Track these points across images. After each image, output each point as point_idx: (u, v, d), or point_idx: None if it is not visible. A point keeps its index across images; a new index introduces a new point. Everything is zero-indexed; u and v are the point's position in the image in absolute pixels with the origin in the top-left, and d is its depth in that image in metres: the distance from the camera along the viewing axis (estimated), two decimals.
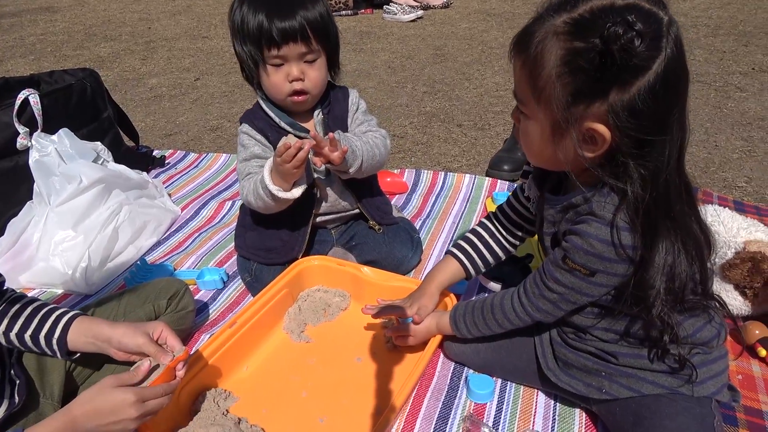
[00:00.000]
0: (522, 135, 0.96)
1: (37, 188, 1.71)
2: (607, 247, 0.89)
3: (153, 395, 0.92)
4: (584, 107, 0.83)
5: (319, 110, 1.47)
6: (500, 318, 1.11)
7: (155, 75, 3.78)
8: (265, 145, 1.44)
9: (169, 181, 2.22)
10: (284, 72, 1.34)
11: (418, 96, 3.15)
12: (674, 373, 0.99)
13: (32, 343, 1.06)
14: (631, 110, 0.80)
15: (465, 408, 1.16)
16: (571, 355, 1.08)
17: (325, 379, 1.25)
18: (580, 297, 0.98)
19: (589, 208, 0.92)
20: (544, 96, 0.86)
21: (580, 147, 0.86)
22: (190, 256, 1.72)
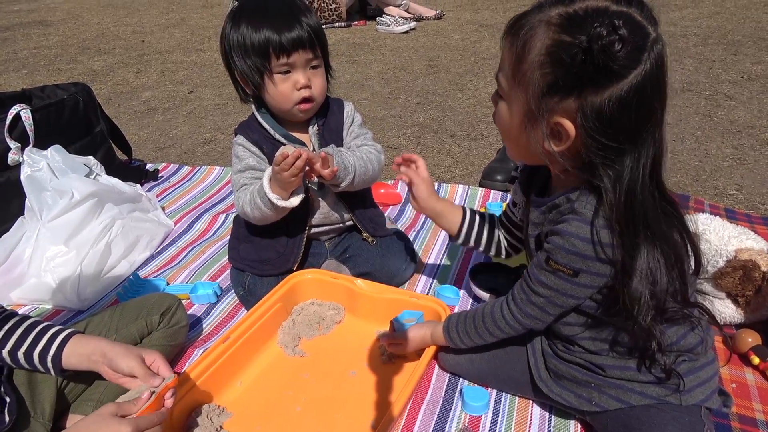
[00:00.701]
0: (497, 120, 0.99)
1: (29, 203, 1.71)
2: (587, 245, 0.90)
3: (148, 424, 0.92)
4: (557, 101, 0.85)
5: (314, 122, 1.47)
6: (491, 327, 1.11)
7: (149, 88, 3.78)
8: (259, 156, 1.45)
9: (162, 194, 2.21)
10: (292, 80, 1.36)
11: (412, 107, 3.16)
12: (662, 383, 0.99)
13: (25, 361, 1.05)
14: (599, 114, 0.82)
15: (460, 420, 1.16)
16: (561, 366, 1.08)
17: (320, 394, 1.24)
18: (566, 299, 0.98)
19: (571, 207, 0.93)
20: (523, 81, 0.87)
21: (547, 138, 0.88)
22: (183, 270, 1.71)
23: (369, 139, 1.54)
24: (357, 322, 1.44)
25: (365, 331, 1.41)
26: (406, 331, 1.25)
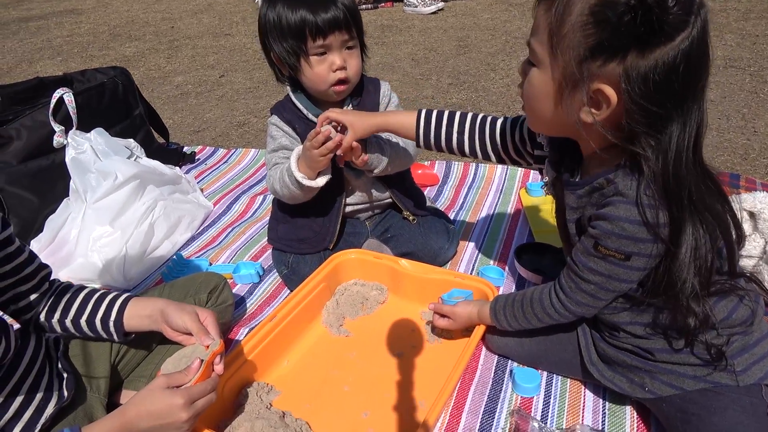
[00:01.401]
0: (527, 90, 0.92)
1: (74, 185, 1.73)
2: (638, 227, 0.85)
3: (200, 394, 0.93)
4: (599, 65, 0.79)
5: (349, 102, 1.46)
6: (540, 313, 1.09)
7: (180, 73, 3.80)
8: (292, 136, 1.45)
9: (200, 176, 2.23)
10: (328, 62, 1.34)
11: (444, 88, 3.11)
12: (712, 365, 0.95)
13: (88, 328, 1.08)
14: (645, 79, 0.77)
15: (511, 402, 1.14)
16: (610, 350, 1.05)
17: (367, 374, 1.24)
18: (618, 284, 0.95)
19: (615, 189, 0.88)
20: (562, 46, 0.81)
21: (586, 106, 0.83)
22: (224, 250, 1.72)
23: None
24: (400, 303, 1.43)
25: (409, 311, 1.39)
26: (453, 305, 1.23)
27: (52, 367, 1.04)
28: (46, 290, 1.08)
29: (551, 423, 1.09)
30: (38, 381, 0.99)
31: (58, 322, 1.08)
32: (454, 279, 1.37)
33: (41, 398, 0.98)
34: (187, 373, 0.94)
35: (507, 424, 1.09)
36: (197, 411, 0.92)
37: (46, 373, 1.02)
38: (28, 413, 0.95)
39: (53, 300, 1.07)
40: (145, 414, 0.90)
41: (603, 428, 1.07)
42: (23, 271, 1.03)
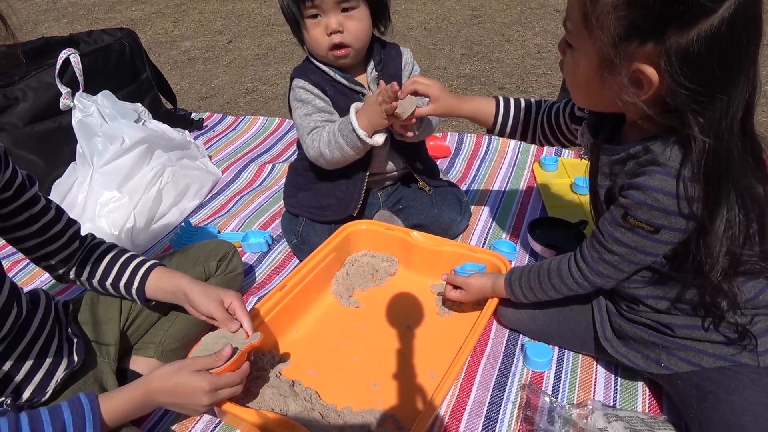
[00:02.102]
0: (567, 69, 0.91)
1: (80, 149, 1.70)
2: (672, 200, 0.82)
3: (226, 384, 0.92)
4: (636, 46, 0.76)
5: (372, 67, 1.42)
6: (558, 284, 1.06)
7: (188, 38, 3.74)
8: (323, 99, 1.40)
9: (208, 143, 2.20)
10: (322, 25, 1.30)
11: (457, 58, 3.05)
12: (735, 344, 0.93)
13: (114, 291, 1.09)
14: (686, 56, 0.72)
15: (522, 376, 1.13)
16: (626, 326, 1.03)
17: (377, 344, 1.23)
18: (643, 257, 0.92)
19: (653, 158, 0.84)
20: (596, 28, 0.78)
21: (626, 87, 0.79)
22: (233, 218, 1.70)
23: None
24: (411, 275, 1.41)
25: (420, 284, 1.38)
26: (467, 277, 1.21)
27: (62, 332, 1.04)
28: (76, 248, 1.08)
29: (562, 398, 1.08)
30: (48, 345, 0.98)
31: (87, 281, 1.09)
32: (465, 252, 1.35)
33: (51, 362, 0.97)
34: (217, 358, 0.93)
35: (518, 398, 1.08)
36: (219, 399, 0.92)
37: (56, 338, 1.01)
38: (38, 377, 0.95)
39: (82, 258, 1.08)
40: (169, 390, 0.90)
41: (614, 404, 1.06)
42: (51, 229, 1.03)
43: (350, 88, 1.39)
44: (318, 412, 1.03)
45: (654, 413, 1.04)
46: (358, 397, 1.09)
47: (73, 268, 1.08)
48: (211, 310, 1.02)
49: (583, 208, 1.65)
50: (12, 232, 0.99)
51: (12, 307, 0.93)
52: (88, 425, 0.83)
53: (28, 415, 0.81)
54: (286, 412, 1.02)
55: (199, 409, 0.92)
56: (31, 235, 1.00)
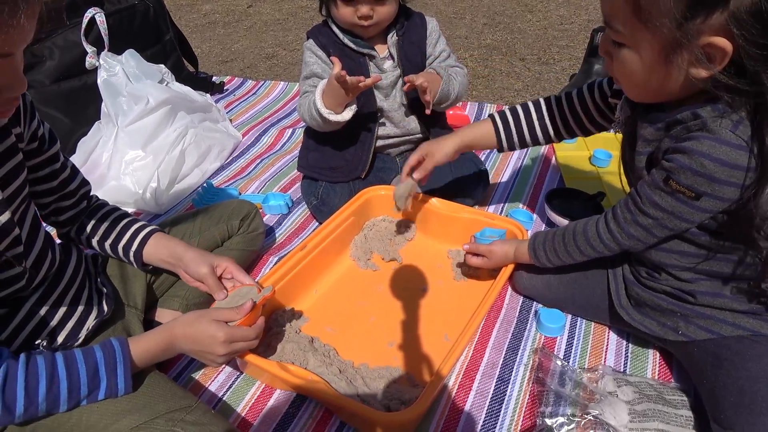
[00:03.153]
0: (619, 68, 0.88)
1: (105, 108, 1.73)
2: (720, 167, 0.80)
3: (242, 337, 0.95)
4: (701, 20, 0.74)
5: (393, 33, 1.42)
6: (583, 245, 1.06)
7: (208, 1, 3.72)
8: (324, 62, 1.43)
9: (228, 107, 2.22)
10: (352, 8, 1.34)
11: (478, 28, 3.02)
12: (756, 314, 0.94)
13: (111, 252, 1.11)
14: (757, 13, 0.71)
15: (535, 341, 1.16)
16: (644, 294, 1.04)
17: (393, 306, 1.26)
18: (679, 222, 0.91)
19: (702, 123, 0.83)
20: (652, 13, 0.76)
21: (697, 65, 0.78)
22: (254, 181, 1.73)
23: (455, 61, 1.51)
24: (428, 241, 1.43)
25: (436, 249, 1.40)
26: (490, 244, 1.22)
27: (92, 283, 1.08)
28: (84, 208, 1.11)
29: (573, 363, 1.11)
30: (79, 294, 1.02)
31: (87, 240, 1.11)
32: (482, 219, 1.37)
33: (83, 311, 1.01)
34: (238, 311, 0.97)
35: (530, 361, 1.11)
36: (234, 350, 0.95)
37: (86, 288, 1.05)
38: (71, 323, 0.99)
39: (87, 218, 1.10)
40: (190, 336, 0.94)
41: (625, 370, 1.09)
42: (67, 187, 1.06)
43: (357, 51, 1.42)
44: (336, 367, 1.07)
45: (664, 380, 1.07)
46: (374, 355, 1.13)
47: (76, 227, 1.10)
48: (201, 274, 1.05)
49: (600, 180, 1.65)
50: (33, 185, 1.00)
51: (47, 253, 0.97)
52: (119, 365, 0.87)
53: (63, 354, 0.85)
54: (306, 365, 1.06)
55: (216, 359, 0.95)
56: (50, 190, 1.02)
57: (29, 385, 0.80)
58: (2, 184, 0.86)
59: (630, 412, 0.97)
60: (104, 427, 0.85)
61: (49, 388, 0.81)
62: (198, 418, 0.88)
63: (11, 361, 0.79)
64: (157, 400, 0.89)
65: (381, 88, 1.47)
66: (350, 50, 1.42)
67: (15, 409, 0.79)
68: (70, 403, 0.84)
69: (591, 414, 0.97)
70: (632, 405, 0.98)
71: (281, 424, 1.02)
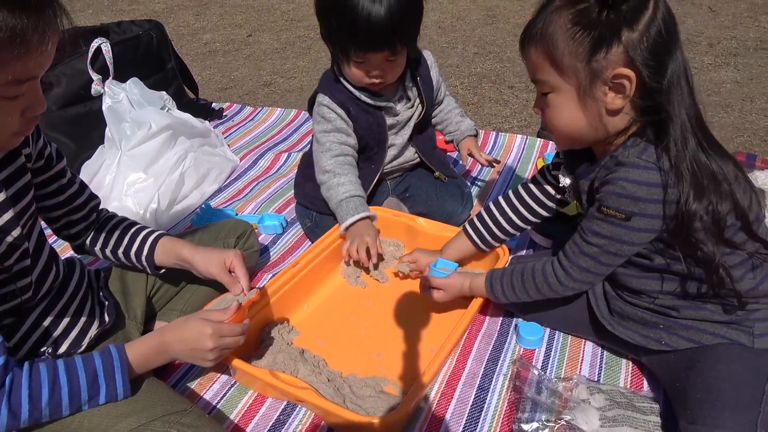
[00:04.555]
0: (551, 115, 1.00)
1: (109, 133, 1.81)
2: (638, 186, 0.92)
3: (229, 332, 1.01)
4: (604, 55, 0.88)
5: (407, 76, 1.49)
6: (540, 283, 1.12)
7: (209, 30, 3.85)
8: (345, 119, 1.47)
9: (227, 132, 2.30)
10: (364, 70, 1.36)
11: (469, 57, 3.13)
12: (735, 325, 1.00)
13: (125, 259, 1.18)
14: (646, 41, 0.87)
15: (515, 352, 1.22)
16: (627, 308, 1.10)
17: (381, 320, 1.32)
18: (620, 246, 0.99)
19: (616, 161, 0.95)
20: (565, 62, 0.91)
21: (613, 99, 0.91)
22: (250, 202, 1.80)
23: (448, 93, 1.68)
24: None
25: None
26: (446, 277, 1.26)
27: (95, 296, 1.14)
28: (94, 220, 1.18)
29: (550, 373, 1.17)
30: (82, 306, 1.09)
31: (100, 250, 1.18)
32: None
33: (85, 321, 1.08)
34: (225, 312, 1.03)
35: (509, 371, 1.17)
36: (223, 345, 1.00)
37: (89, 300, 1.11)
38: (74, 333, 1.05)
39: (98, 229, 1.17)
40: (179, 337, 0.99)
41: (599, 379, 1.15)
42: (75, 201, 1.13)
43: (374, 106, 1.47)
44: (325, 376, 1.13)
45: (636, 389, 1.12)
46: (362, 366, 1.19)
47: (89, 238, 1.17)
48: (213, 273, 1.11)
49: None
50: (41, 200, 1.07)
51: (51, 267, 1.03)
52: (117, 371, 0.93)
53: (64, 361, 0.91)
54: (296, 374, 1.12)
55: (207, 356, 0.99)
56: (58, 205, 1.10)
57: (33, 392, 0.85)
58: (13, 202, 0.93)
59: (601, 417, 1.03)
60: (105, 429, 0.91)
61: (51, 395, 0.87)
62: (193, 420, 0.93)
63: (17, 369, 0.85)
64: (155, 404, 0.95)
65: (395, 127, 1.53)
66: (367, 105, 1.46)
67: (20, 415, 0.85)
68: (72, 409, 0.90)
69: (564, 419, 1.02)
70: (603, 411, 1.04)
71: (272, 431, 1.08)
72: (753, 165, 1.83)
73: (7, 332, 0.96)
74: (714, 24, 3.28)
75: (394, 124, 1.53)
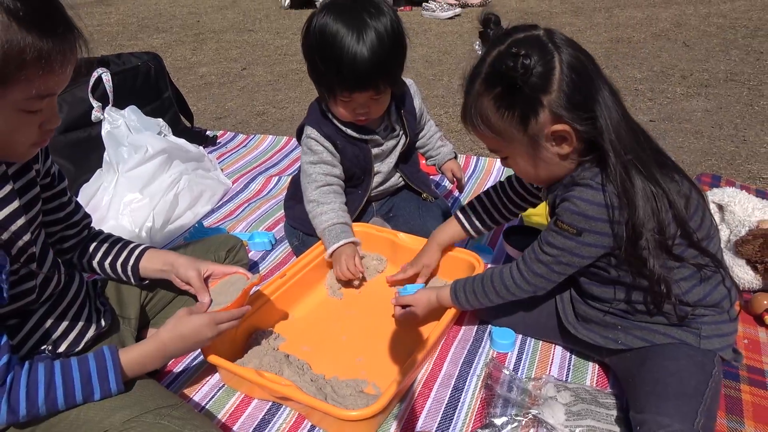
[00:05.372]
0: (516, 170, 1.17)
1: (107, 157, 1.91)
2: (588, 205, 1.02)
3: (225, 318, 1.10)
4: (535, 122, 1.01)
5: (392, 109, 1.56)
6: (499, 287, 1.21)
7: (205, 64, 4.00)
8: (332, 152, 1.54)
9: (220, 158, 2.40)
10: (351, 107, 1.44)
11: (454, 88, 3.27)
12: (684, 327, 1.09)
13: (111, 271, 1.25)
14: (564, 99, 0.98)
15: (488, 356, 1.29)
16: (590, 311, 1.19)
17: (363, 327, 1.40)
18: (571, 258, 1.09)
19: (572, 181, 1.07)
20: (506, 136, 1.06)
21: (559, 147, 1.04)
22: (241, 221, 1.89)
23: (430, 120, 1.78)
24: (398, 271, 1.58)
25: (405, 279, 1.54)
26: (413, 294, 1.35)
27: (92, 302, 1.21)
28: (84, 237, 1.26)
29: (521, 373, 1.24)
30: (80, 311, 1.15)
31: (88, 263, 1.25)
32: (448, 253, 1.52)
33: (83, 324, 1.14)
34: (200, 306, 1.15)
35: (482, 372, 1.24)
36: (220, 331, 1.10)
37: (87, 306, 1.18)
38: (73, 335, 1.12)
39: (87, 244, 1.25)
40: (178, 337, 1.07)
41: (567, 379, 1.22)
42: (72, 218, 1.21)
43: (360, 139, 1.54)
44: (309, 378, 1.19)
45: (601, 388, 1.19)
46: (344, 369, 1.25)
47: (78, 252, 1.24)
48: (189, 277, 1.19)
49: None
50: (44, 215, 1.14)
51: (54, 274, 1.11)
52: (110, 372, 1.00)
53: (61, 362, 0.98)
54: (281, 375, 1.18)
55: (205, 343, 1.10)
56: (57, 221, 1.18)
57: (30, 391, 0.93)
58: (26, 210, 1.02)
59: (566, 412, 1.09)
60: (99, 421, 0.97)
61: (47, 395, 0.94)
62: (183, 414, 1.00)
63: (17, 368, 0.93)
64: (147, 398, 1.01)
65: (380, 156, 1.61)
66: (353, 138, 1.54)
67: (19, 411, 0.92)
68: (67, 405, 0.97)
69: (531, 413, 1.09)
70: (569, 407, 1.11)
71: (257, 429, 1.14)
72: (718, 186, 1.94)
73: (10, 332, 1.02)
74: (687, 57, 3.44)
75: (379, 153, 1.61)
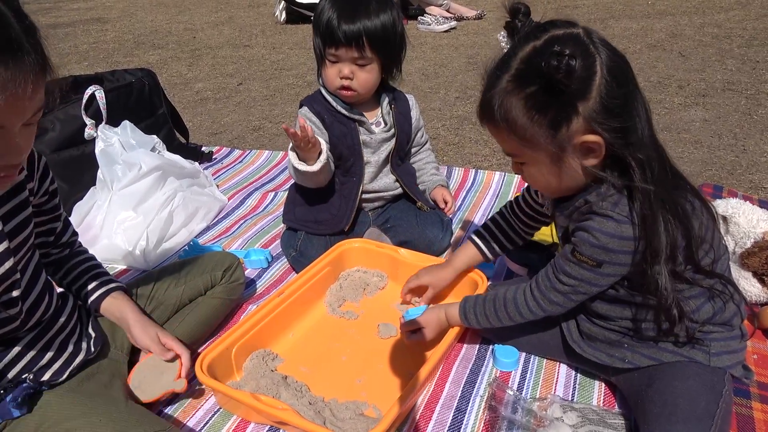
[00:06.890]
0: (529, 179, 1.09)
1: (101, 175, 1.87)
2: (610, 239, 0.98)
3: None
4: (566, 129, 0.94)
5: (386, 101, 1.63)
6: (512, 311, 1.18)
7: (201, 80, 3.98)
8: (319, 127, 1.61)
9: (216, 173, 2.37)
10: (337, 68, 1.52)
11: (451, 101, 3.26)
12: (692, 345, 1.06)
13: (75, 294, 1.22)
14: (602, 109, 0.92)
15: (491, 375, 1.25)
16: (595, 329, 1.16)
17: (363, 347, 1.36)
18: (589, 288, 1.07)
19: (590, 208, 1.02)
20: (530, 140, 0.97)
21: (585, 160, 0.97)
22: (237, 238, 1.85)
23: (430, 147, 1.83)
24: (398, 289, 1.53)
25: None
26: (422, 315, 1.30)
27: (83, 329, 1.17)
28: (66, 255, 1.23)
29: (526, 394, 1.20)
30: (67, 340, 1.12)
31: (60, 280, 1.23)
32: None
33: (70, 353, 1.10)
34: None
35: (485, 393, 1.20)
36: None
37: (76, 334, 1.15)
38: (57, 364, 1.08)
39: (62, 263, 1.22)
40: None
41: (572, 399, 1.18)
42: (61, 239, 1.19)
43: (348, 117, 1.60)
44: (307, 400, 1.15)
45: (608, 407, 1.16)
46: (344, 390, 1.22)
47: (53, 268, 1.22)
48: (147, 344, 1.17)
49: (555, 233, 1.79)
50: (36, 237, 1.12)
51: (44, 298, 1.07)
52: None
53: None
54: (278, 398, 1.14)
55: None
56: (47, 243, 1.16)
57: None
58: (10, 235, 0.98)
59: None
60: None
61: None
62: None
63: None
64: (134, 425, 0.98)
65: (370, 145, 1.65)
66: (341, 116, 1.61)
67: None
68: None
69: None
70: (576, 428, 1.07)
71: None
72: (720, 196, 1.92)
73: None
74: (684, 67, 3.44)
75: (368, 141, 1.64)
